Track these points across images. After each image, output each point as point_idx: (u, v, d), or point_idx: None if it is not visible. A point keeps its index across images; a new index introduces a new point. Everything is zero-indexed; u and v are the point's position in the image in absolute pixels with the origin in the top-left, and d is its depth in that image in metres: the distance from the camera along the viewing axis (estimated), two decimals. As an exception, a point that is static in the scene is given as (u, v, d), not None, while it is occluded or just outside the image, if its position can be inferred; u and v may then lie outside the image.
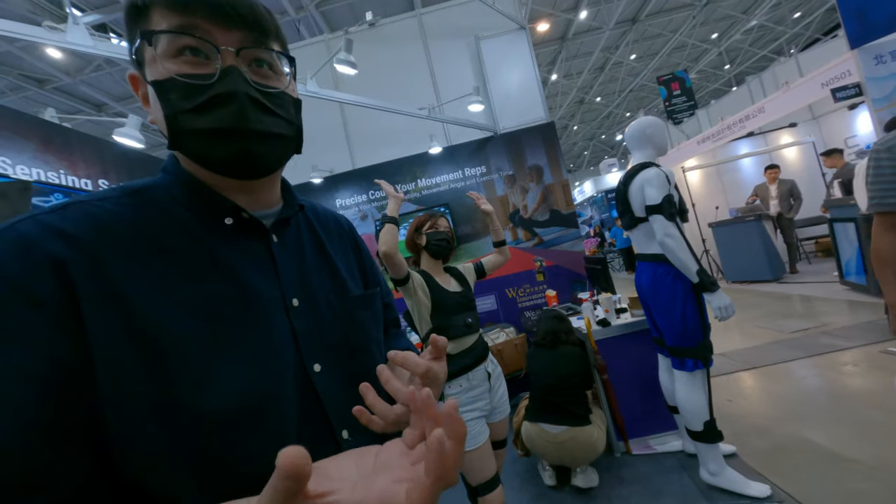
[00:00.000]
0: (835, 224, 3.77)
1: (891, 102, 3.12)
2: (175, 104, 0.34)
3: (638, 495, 1.66)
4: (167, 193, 0.38)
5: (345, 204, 3.56)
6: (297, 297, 0.41)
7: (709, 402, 1.57)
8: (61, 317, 0.28)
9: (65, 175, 2.07)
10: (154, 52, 0.34)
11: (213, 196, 0.38)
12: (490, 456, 1.25)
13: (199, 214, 0.38)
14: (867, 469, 1.49)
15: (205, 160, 0.37)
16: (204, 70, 0.35)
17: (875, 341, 2.56)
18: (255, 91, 0.36)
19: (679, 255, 1.50)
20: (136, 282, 0.31)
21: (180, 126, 0.35)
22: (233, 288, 0.36)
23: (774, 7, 8.26)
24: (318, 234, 0.49)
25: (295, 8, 5.47)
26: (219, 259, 0.37)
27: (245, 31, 0.36)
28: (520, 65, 3.65)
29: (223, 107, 0.35)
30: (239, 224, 0.40)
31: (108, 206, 0.34)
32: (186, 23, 0.34)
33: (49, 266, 0.29)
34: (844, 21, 3.22)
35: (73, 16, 1.80)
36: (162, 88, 0.34)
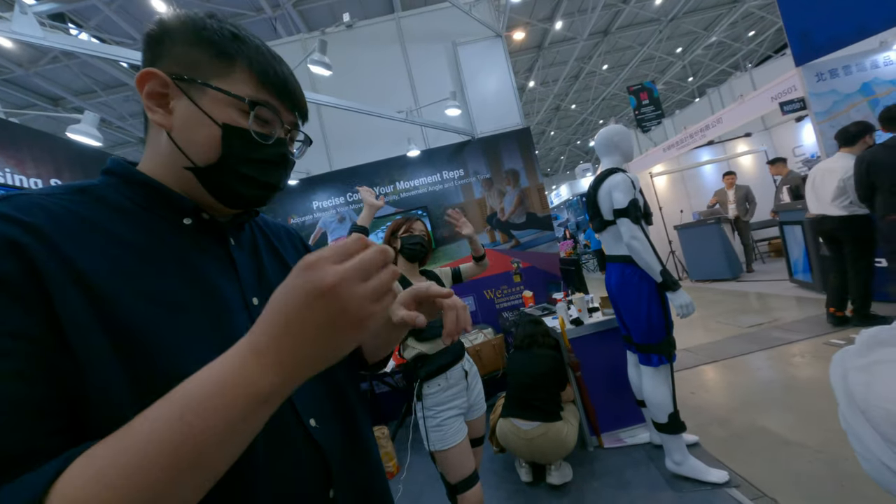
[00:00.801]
0: (784, 227, 4.05)
1: (830, 116, 3.40)
2: (236, 150, 0.40)
3: (609, 487, 1.71)
4: (117, 193, 0.38)
5: (321, 206, 3.48)
6: (257, 297, 0.43)
7: (673, 396, 1.64)
8: (27, 296, 0.28)
9: (11, 174, 1.90)
10: (230, 99, 0.39)
11: (174, 197, 0.40)
12: (468, 453, 1.26)
13: (156, 213, 0.39)
14: (812, 452, 1.61)
15: (225, 192, 0.42)
16: (265, 131, 0.42)
17: (820, 334, 2.77)
18: (290, 160, 0.46)
19: (644, 256, 1.57)
20: (97, 268, 0.31)
21: (228, 165, 0.40)
22: (195, 284, 0.37)
23: (732, 25, 8.83)
24: (270, 240, 0.52)
25: (271, 6, 5.32)
26: (180, 256, 0.38)
27: (300, 117, 0.47)
28: (496, 71, 3.71)
29: (271, 167, 0.43)
30: (198, 225, 0.42)
31: (55, 201, 0.34)
32: (273, 102, 0.42)
33: (7, 248, 0.28)
34: (790, 41, 3.49)
35: (21, 3, 1.66)
36: (233, 133, 0.40)
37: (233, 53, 0.40)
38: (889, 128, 2.26)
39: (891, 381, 0.33)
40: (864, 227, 2.60)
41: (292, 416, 0.41)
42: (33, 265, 0.28)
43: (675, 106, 13.36)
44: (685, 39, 9.57)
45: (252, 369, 0.26)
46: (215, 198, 0.42)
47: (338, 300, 0.26)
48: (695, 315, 3.54)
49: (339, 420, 0.45)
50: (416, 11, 3.82)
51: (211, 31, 0.39)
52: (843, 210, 2.65)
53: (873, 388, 0.34)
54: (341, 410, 0.47)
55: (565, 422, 1.78)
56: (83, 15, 5.03)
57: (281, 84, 0.42)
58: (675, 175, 6.64)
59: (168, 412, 0.25)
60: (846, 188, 2.57)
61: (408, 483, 2.12)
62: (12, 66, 5.58)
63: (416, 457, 2.33)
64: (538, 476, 1.87)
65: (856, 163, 2.40)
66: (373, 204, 1.34)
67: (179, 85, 0.39)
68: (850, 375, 0.37)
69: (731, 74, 10.11)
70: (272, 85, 0.41)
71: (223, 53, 0.39)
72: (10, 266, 0.28)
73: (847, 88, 3.42)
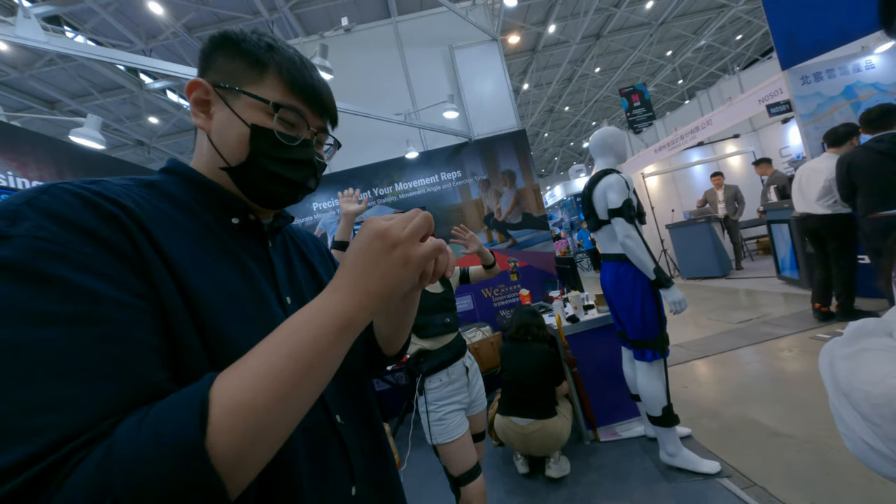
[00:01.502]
0: (772, 225, 4.12)
1: (815, 118, 3.47)
2: (264, 149, 0.43)
3: (605, 479, 1.73)
4: (178, 189, 0.42)
5: (321, 207, 3.48)
6: (290, 296, 0.46)
7: (666, 389, 1.67)
8: (137, 265, 0.31)
9: (13, 177, 1.88)
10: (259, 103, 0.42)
11: (227, 197, 0.44)
12: (470, 447, 1.28)
13: (211, 211, 0.42)
14: (800, 442, 1.65)
15: (254, 189, 0.44)
16: (291, 133, 0.45)
17: (806, 329, 2.82)
18: (315, 162, 0.47)
19: (638, 254, 1.59)
20: (173, 250, 0.35)
21: (257, 163, 0.43)
22: (242, 276, 0.41)
23: (720, 29, 8.94)
24: (299, 245, 0.56)
25: (268, 9, 5.30)
26: (231, 252, 0.41)
27: (328, 122, 0.49)
28: (492, 74, 3.73)
29: (296, 166, 0.45)
30: (243, 225, 0.45)
31: (133, 191, 0.37)
32: (300, 107, 0.44)
33: (114, 220, 0.31)
34: (776, 45, 3.55)
35: (24, 7, 1.64)
36: (261, 134, 0.42)
37: (265, 62, 0.42)
38: (868, 129, 2.30)
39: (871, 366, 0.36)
40: (847, 225, 2.65)
41: (323, 412, 0.43)
42: (134, 239, 0.32)
43: (666, 108, 13.49)
44: (675, 43, 9.68)
45: (334, 301, 0.33)
46: (248, 197, 0.45)
47: (389, 237, 0.34)
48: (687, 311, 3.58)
49: (360, 419, 0.48)
50: (413, 16, 3.83)
51: (249, 42, 0.43)
52: (827, 209, 2.70)
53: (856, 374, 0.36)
54: (362, 410, 0.50)
55: (560, 416, 1.81)
56: (79, 18, 4.97)
57: (309, 89, 0.45)
58: (666, 175, 6.71)
59: (281, 338, 0.31)
60: (831, 188, 2.62)
61: (409, 477, 2.13)
62: (7, 68, 5.50)
63: (416, 452, 2.34)
64: (536, 469, 1.90)
65: (837, 164, 2.44)
66: (349, 212, 1.21)
67: (219, 92, 0.42)
68: (836, 363, 0.39)
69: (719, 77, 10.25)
70: (300, 90, 0.44)
71: (257, 62, 0.42)
72: (119, 237, 0.31)
73: (831, 91, 3.49)
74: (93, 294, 0.27)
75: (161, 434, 0.24)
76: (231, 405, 0.26)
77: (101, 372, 0.26)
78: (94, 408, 0.25)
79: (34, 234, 0.27)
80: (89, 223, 0.30)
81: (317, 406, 0.42)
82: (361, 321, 0.34)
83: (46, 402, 0.24)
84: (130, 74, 6.33)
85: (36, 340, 0.25)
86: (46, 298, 0.26)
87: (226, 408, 0.26)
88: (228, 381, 0.28)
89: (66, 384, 0.24)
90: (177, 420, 0.25)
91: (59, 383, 0.24)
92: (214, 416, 0.25)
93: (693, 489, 1.54)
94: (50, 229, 0.28)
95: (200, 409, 0.25)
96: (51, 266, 0.27)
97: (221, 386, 0.27)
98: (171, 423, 0.25)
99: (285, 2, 5.19)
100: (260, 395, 0.27)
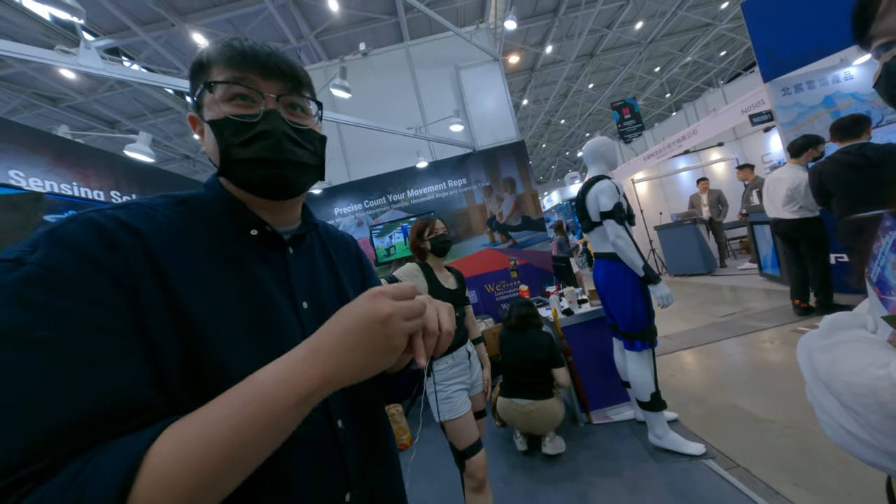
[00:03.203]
0: (754, 226, 3.99)
1: (795, 127, 3.34)
2: (227, 139, 0.38)
3: (598, 458, 1.70)
4: (207, 205, 0.40)
5: (342, 212, 3.51)
6: (307, 301, 0.42)
7: (655, 377, 1.63)
8: (128, 287, 0.29)
9: (77, 187, 1.94)
10: (213, 97, 0.38)
11: (244, 211, 0.40)
12: (473, 423, 1.28)
13: (230, 225, 0.40)
14: (780, 427, 1.59)
15: (246, 183, 0.40)
16: (251, 111, 0.38)
17: (787, 322, 2.73)
18: (289, 129, 0.40)
19: (628, 253, 1.56)
20: (175, 269, 0.33)
21: (230, 156, 0.38)
22: (252, 289, 0.37)
23: (705, 46, 8.70)
24: (327, 249, 0.51)
25: (296, 37, 5.37)
26: (242, 263, 0.38)
27: (284, 81, 0.40)
28: (494, 91, 3.70)
29: (263, 141, 0.38)
30: (262, 236, 0.41)
31: (160, 210, 0.36)
32: (239, 75, 0.38)
33: (117, 247, 0.30)
34: (758, 59, 3.43)
35: (85, 40, 1.70)
36: (217, 126, 0.38)
37: (206, 59, 0.38)
38: (837, 137, 2.20)
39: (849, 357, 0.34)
40: (816, 227, 2.59)
41: (323, 416, 0.39)
42: (131, 264, 0.30)
43: (655, 119, 13.19)
44: (663, 60, 9.45)
45: (306, 369, 0.28)
46: (248, 192, 0.40)
47: (387, 328, 0.30)
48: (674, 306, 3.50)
49: (362, 426, 0.44)
50: (423, 40, 3.83)
51: (202, 55, 0.39)
52: (793, 214, 2.64)
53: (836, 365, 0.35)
54: (366, 415, 0.45)
55: (556, 398, 1.79)
56: (135, 49, 5.13)
57: (244, 56, 0.38)
58: (654, 181, 6.56)
59: (237, 401, 0.27)
60: (794, 196, 2.57)
61: (420, 452, 2.13)
62: (74, 94, 5.71)
63: (426, 430, 2.35)
64: (534, 447, 1.88)
65: (809, 174, 2.37)
66: None
67: (196, 112, 0.40)
68: (815, 355, 0.37)
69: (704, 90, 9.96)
70: (237, 62, 0.38)
71: (201, 65, 0.38)
72: (118, 261, 0.30)
73: (811, 101, 3.35)
74: (77, 321, 0.26)
75: (83, 499, 0.22)
76: (160, 475, 0.23)
77: (54, 401, 0.23)
78: (31, 441, 0.22)
79: (41, 261, 0.27)
80: (92, 250, 0.29)
81: (318, 410, 0.38)
82: (324, 394, 0.29)
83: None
84: (178, 97, 6.51)
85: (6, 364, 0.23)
86: (29, 324, 0.25)
87: (155, 476, 0.23)
88: (166, 444, 0.25)
89: (9, 414, 0.22)
90: (102, 485, 0.22)
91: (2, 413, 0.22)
92: (140, 485, 0.23)
93: (679, 469, 1.50)
94: (55, 257, 0.27)
95: (125, 477, 0.23)
96: (39, 293, 0.25)
97: (159, 448, 0.24)
98: (96, 486, 0.22)
99: (311, 30, 5.26)
100: (197, 466, 0.24)
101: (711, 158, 6.40)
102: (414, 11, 5.13)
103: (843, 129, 2.17)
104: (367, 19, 5.37)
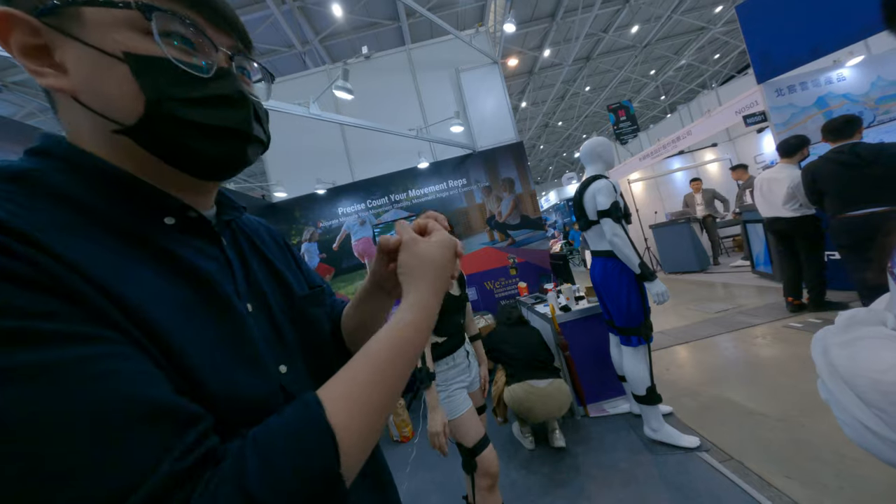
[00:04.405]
0: (747, 225, 3.95)
1: (788, 127, 3.30)
2: (165, 87, 0.26)
3: (595, 451, 1.69)
4: (66, 183, 0.25)
5: (346, 212, 3.50)
6: (251, 303, 0.34)
7: (650, 372, 1.61)
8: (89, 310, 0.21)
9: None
10: (129, 19, 0.25)
11: (153, 193, 0.28)
12: (476, 418, 1.26)
13: (129, 212, 0.27)
14: (773, 421, 1.57)
15: (180, 151, 0.27)
16: (195, 60, 0.28)
17: (779, 318, 2.70)
18: (253, 101, 0.31)
19: (624, 251, 1.54)
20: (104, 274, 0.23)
21: (165, 111, 0.26)
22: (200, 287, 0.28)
23: (699, 50, 8.62)
24: (252, 239, 0.40)
25: (301, 42, 5.34)
26: (171, 258, 0.28)
27: (236, 38, 0.31)
28: (494, 93, 3.67)
29: (231, 108, 0.29)
30: (182, 224, 0.30)
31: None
32: (189, 14, 0.27)
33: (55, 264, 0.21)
34: (752, 60, 3.39)
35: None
36: (147, 66, 0.25)
37: None
38: (829, 138, 2.17)
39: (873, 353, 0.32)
40: (813, 225, 2.58)
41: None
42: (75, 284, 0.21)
43: (650, 121, 13.10)
44: (658, 63, 9.38)
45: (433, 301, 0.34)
46: (172, 164, 0.28)
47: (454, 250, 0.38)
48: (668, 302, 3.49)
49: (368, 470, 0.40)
50: (424, 43, 3.81)
51: None
52: (794, 212, 2.61)
53: (857, 361, 0.33)
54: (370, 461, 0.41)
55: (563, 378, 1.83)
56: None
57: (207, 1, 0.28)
58: (649, 181, 6.52)
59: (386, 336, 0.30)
60: (795, 194, 2.54)
61: (421, 446, 2.13)
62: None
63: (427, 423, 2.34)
64: (540, 442, 1.85)
65: (802, 173, 2.34)
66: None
67: (48, 22, 0.24)
68: (832, 351, 0.36)
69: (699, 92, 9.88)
70: (199, 4, 0.27)
71: None
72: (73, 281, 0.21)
73: (804, 102, 3.31)
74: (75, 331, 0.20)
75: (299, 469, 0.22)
76: (351, 429, 0.25)
77: None
78: None
79: None
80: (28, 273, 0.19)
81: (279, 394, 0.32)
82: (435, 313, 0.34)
83: None
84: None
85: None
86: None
87: (348, 434, 0.25)
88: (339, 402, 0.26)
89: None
90: (310, 452, 0.23)
91: None
92: (342, 446, 0.24)
93: (674, 461, 1.48)
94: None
95: (332, 441, 0.24)
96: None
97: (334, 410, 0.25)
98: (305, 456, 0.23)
99: (315, 35, 5.23)
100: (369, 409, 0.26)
101: (705, 159, 6.35)
102: (416, 16, 5.09)
103: (835, 129, 2.13)
104: (371, 24, 5.34)
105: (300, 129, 3.47)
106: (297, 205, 3.45)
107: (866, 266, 1.88)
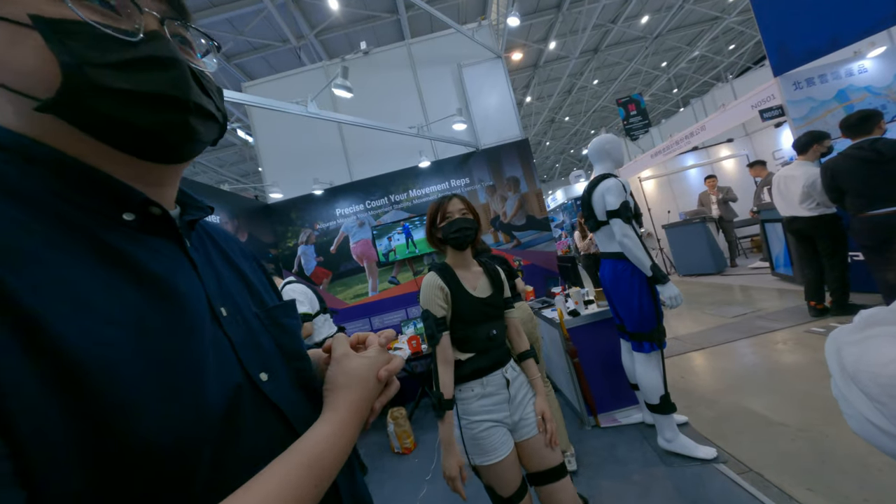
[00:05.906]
0: (766, 224, 3.95)
1: (807, 122, 3.31)
2: (82, 53, 0.24)
3: (606, 463, 1.70)
4: (11, 175, 0.24)
5: (344, 213, 3.53)
6: (224, 307, 0.33)
7: (664, 379, 1.62)
8: None
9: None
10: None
11: (112, 184, 0.27)
12: (517, 466, 0.98)
13: (79, 206, 0.25)
14: (795, 431, 1.57)
15: (121, 130, 0.25)
16: (117, 24, 0.26)
17: (800, 322, 2.69)
18: (193, 68, 0.28)
19: (635, 252, 1.55)
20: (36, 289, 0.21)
21: (90, 81, 0.24)
22: (157, 296, 0.27)
23: (713, 40, 8.64)
24: (218, 243, 0.39)
25: (296, 36, 5.42)
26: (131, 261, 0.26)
27: (167, 3, 0.29)
28: (497, 89, 3.71)
29: (162, 70, 0.26)
30: (143, 222, 0.29)
31: None
32: None
33: None
34: (768, 53, 3.40)
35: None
36: (58, 30, 0.23)
37: None
38: (847, 134, 2.18)
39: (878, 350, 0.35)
40: (834, 224, 2.56)
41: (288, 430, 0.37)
42: None
43: (661, 116, 13.11)
44: (670, 54, 9.40)
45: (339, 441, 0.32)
46: (106, 141, 0.26)
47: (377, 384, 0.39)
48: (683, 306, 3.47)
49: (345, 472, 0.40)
50: (424, 38, 3.85)
51: None
52: (811, 211, 2.61)
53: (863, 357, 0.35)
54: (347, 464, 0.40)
55: None
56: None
57: None
58: (662, 179, 6.53)
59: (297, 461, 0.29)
60: (810, 192, 2.54)
61: (422, 458, 2.14)
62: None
63: (429, 434, 2.35)
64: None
65: (821, 171, 2.35)
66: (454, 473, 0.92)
67: None
68: (844, 349, 0.38)
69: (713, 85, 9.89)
70: None
71: None
72: None
73: (823, 96, 3.32)
74: None
75: None
76: None
77: None
78: None
79: None
80: None
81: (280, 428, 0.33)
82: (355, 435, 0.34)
83: None
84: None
85: None
86: None
87: None
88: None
89: None
90: None
91: None
92: None
93: (690, 473, 1.49)
94: None
95: None
96: None
97: None
98: None
99: (311, 29, 5.30)
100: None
101: (721, 155, 6.35)
102: (415, 9, 5.15)
103: (852, 126, 2.14)
104: (368, 17, 5.40)
105: (296, 127, 3.52)
106: (294, 206, 3.49)
107: (888, 266, 1.88)
